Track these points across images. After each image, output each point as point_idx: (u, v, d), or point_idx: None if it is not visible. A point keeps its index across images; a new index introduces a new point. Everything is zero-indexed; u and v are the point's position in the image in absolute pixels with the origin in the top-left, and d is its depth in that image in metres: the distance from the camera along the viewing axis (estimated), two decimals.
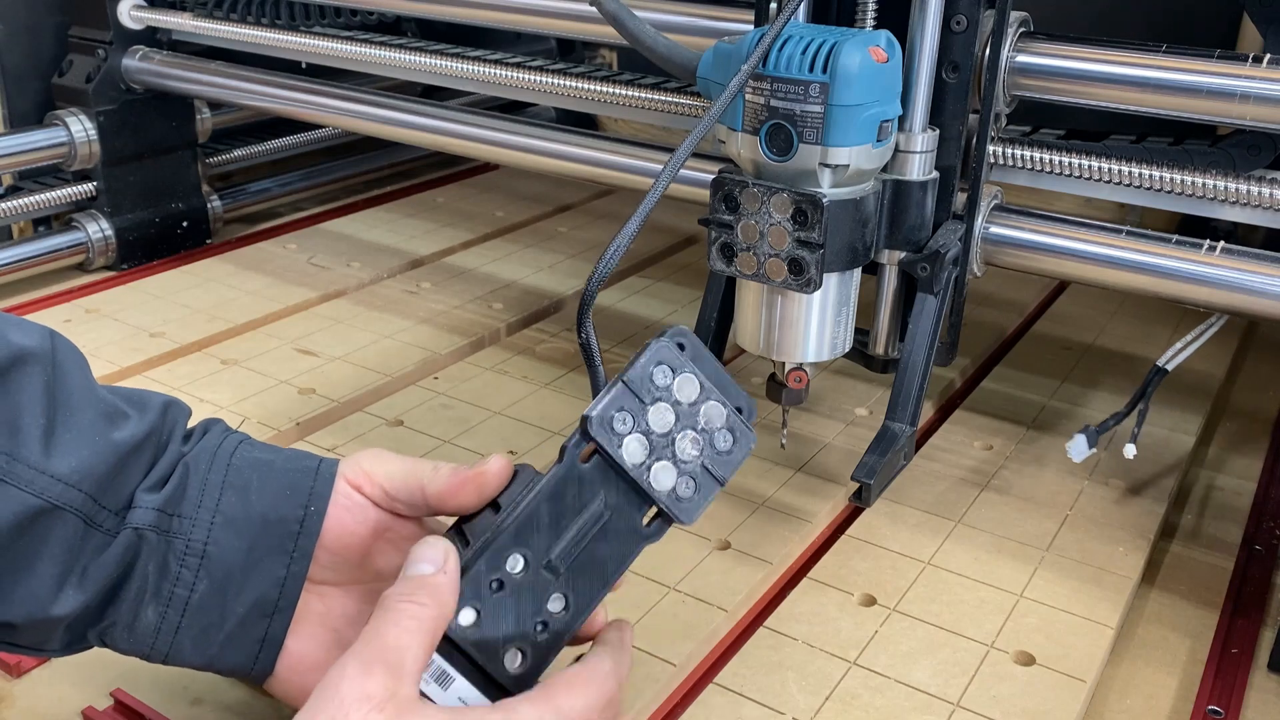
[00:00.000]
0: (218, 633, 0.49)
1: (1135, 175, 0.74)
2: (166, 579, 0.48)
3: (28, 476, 0.44)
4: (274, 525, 0.49)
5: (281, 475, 0.50)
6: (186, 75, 1.21)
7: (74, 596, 0.46)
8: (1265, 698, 0.63)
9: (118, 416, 0.48)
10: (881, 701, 0.59)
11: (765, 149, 0.67)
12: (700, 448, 0.48)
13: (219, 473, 0.49)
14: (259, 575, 0.49)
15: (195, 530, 0.48)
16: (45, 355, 0.46)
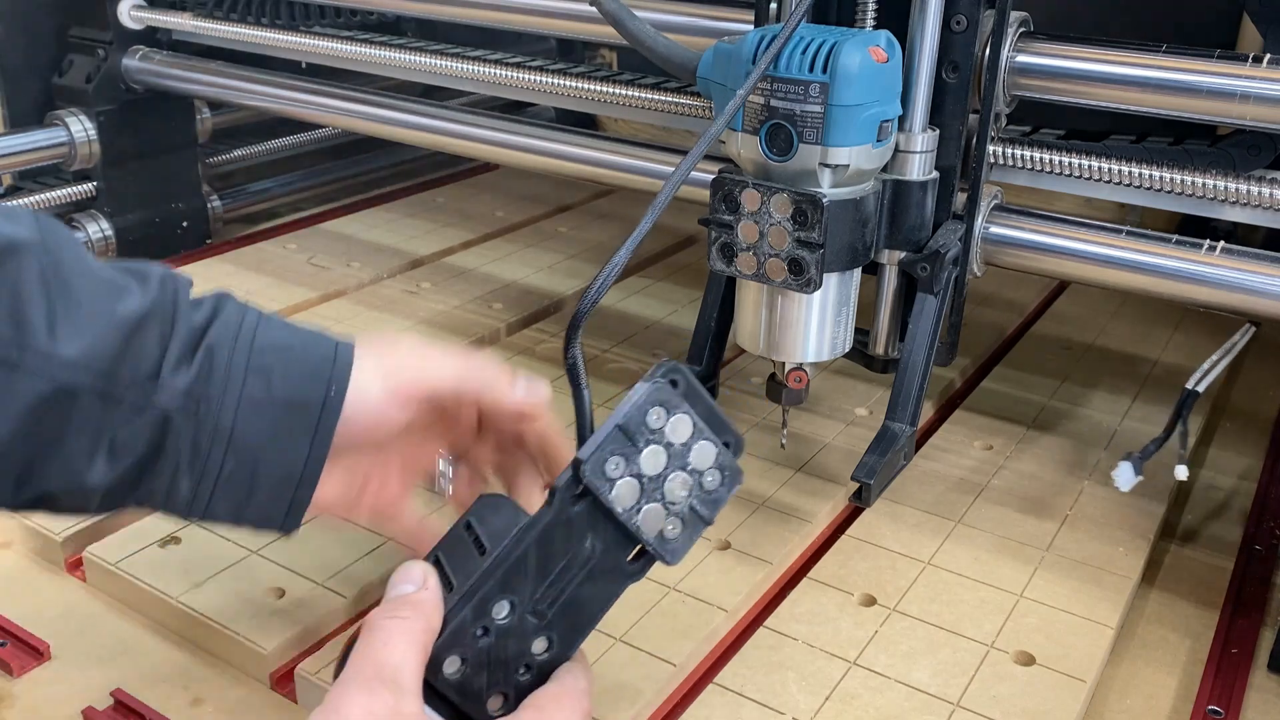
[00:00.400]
0: (247, 500, 0.52)
1: (1135, 175, 0.75)
2: (198, 457, 0.50)
3: (37, 364, 0.45)
4: (297, 409, 0.51)
5: (301, 361, 0.52)
6: (186, 75, 1.21)
7: (105, 469, 0.48)
8: (1265, 698, 0.63)
9: (118, 290, 0.49)
10: (881, 701, 0.59)
11: (765, 149, 0.67)
12: (689, 489, 0.48)
13: (242, 356, 0.50)
14: (283, 454, 0.51)
15: (222, 414, 0.50)
16: (36, 241, 0.47)
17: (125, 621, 0.66)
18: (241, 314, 0.52)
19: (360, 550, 0.69)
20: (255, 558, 0.69)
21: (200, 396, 0.49)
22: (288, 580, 0.67)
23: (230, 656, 0.63)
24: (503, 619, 0.46)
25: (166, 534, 0.71)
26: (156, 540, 0.70)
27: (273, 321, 0.53)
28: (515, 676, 0.47)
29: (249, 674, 0.62)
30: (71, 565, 0.71)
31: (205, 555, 0.69)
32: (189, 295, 0.51)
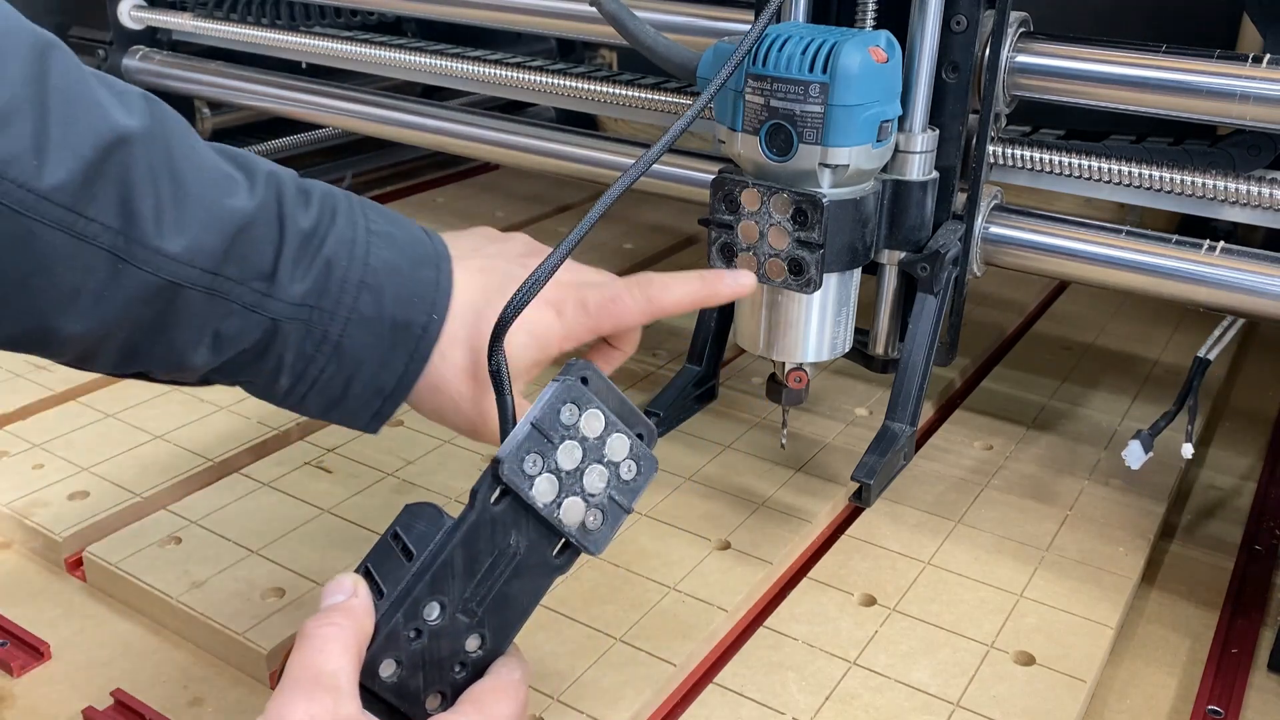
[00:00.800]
0: (338, 402, 0.54)
1: (1135, 175, 0.75)
2: (301, 358, 0.52)
3: (144, 256, 0.46)
4: (400, 329, 0.53)
5: (410, 282, 0.53)
6: (186, 75, 1.21)
7: (207, 356, 0.50)
8: (1265, 698, 0.63)
9: (227, 184, 0.49)
10: (881, 701, 0.59)
11: (765, 149, 0.67)
12: (607, 480, 0.50)
13: (357, 272, 0.52)
14: (381, 367, 0.53)
15: (333, 324, 0.51)
16: (148, 130, 0.47)
17: (125, 621, 0.66)
18: (354, 226, 0.53)
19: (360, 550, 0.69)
20: (255, 558, 0.69)
21: (314, 306, 0.51)
22: (288, 580, 0.67)
23: (230, 656, 0.63)
24: (434, 620, 0.47)
25: (167, 534, 0.71)
26: (156, 540, 0.70)
27: (380, 233, 0.54)
28: (451, 675, 0.48)
29: (249, 674, 0.62)
30: (71, 565, 0.71)
31: (205, 555, 0.69)
32: (294, 191, 0.52)
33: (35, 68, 0.43)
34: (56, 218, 0.43)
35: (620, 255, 1.24)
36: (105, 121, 0.45)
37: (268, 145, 1.39)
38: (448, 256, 0.55)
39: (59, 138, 0.43)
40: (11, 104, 0.42)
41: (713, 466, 0.81)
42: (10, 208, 0.42)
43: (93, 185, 0.44)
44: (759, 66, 0.65)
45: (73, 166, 0.43)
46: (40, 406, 0.87)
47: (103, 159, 0.44)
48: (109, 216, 0.45)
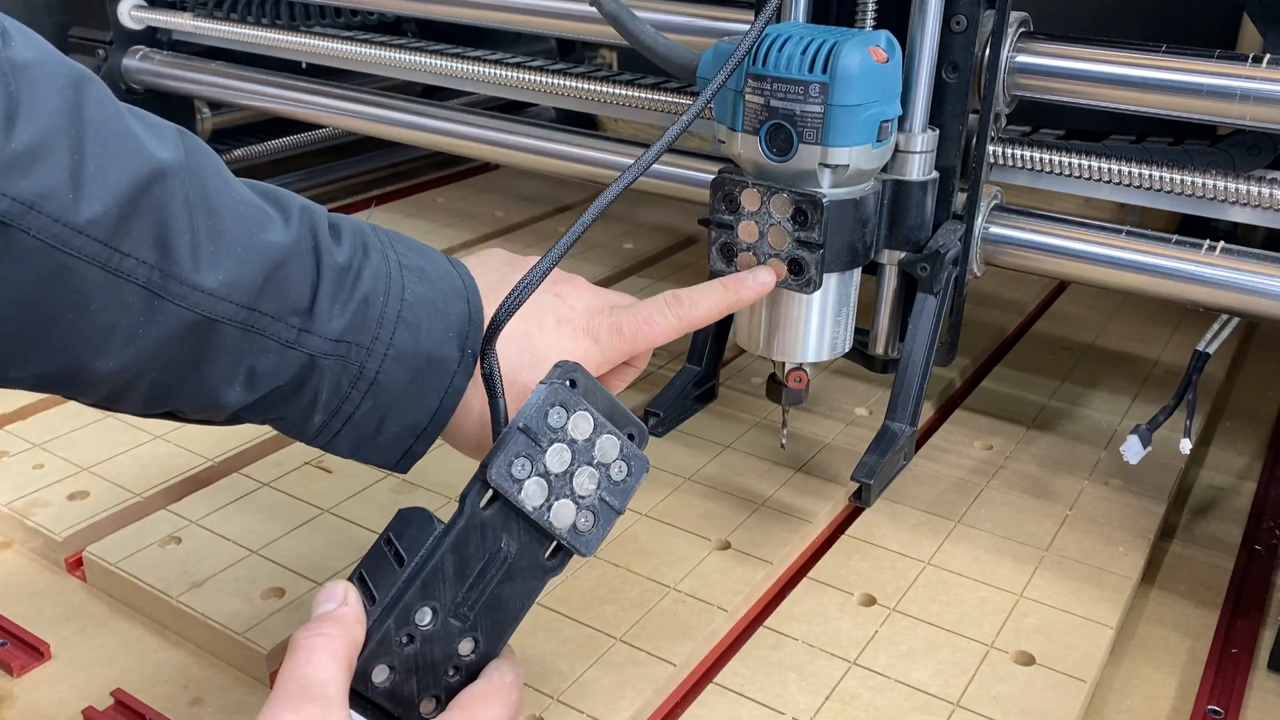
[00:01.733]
0: (370, 442, 0.54)
1: (1135, 175, 0.75)
2: (336, 396, 0.52)
3: (180, 292, 0.46)
4: (436, 363, 0.53)
5: (443, 317, 0.53)
6: (187, 75, 1.21)
7: (241, 394, 0.50)
8: (1265, 698, 0.63)
9: (262, 219, 0.49)
10: (881, 701, 0.59)
11: (765, 149, 0.67)
12: (597, 481, 0.50)
13: (394, 307, 0.52)
14: (415, 404, 0.53)
15: (370, 361, 0.51)
16: (183, 164, 0.47)
17: (125, 621, 0.66)
18: (386, 260, 0.53)
19: (360, 550, 0.69)
20: (255, 557, 0.69)
21: (353, 342, 0.51)
22: (288, 580, 0.67)
23: (230, 656, 0.63)
24: (426, 625, 0.47)
25: (167, 534, 0.71)
26: (156, 540, 0.70)
27: (412, 268, 0.54)
28: (445, 679, 0.48)
29: (249, 674, 0.62)
30: (71, 565, 0.71)
31: (205, 555, 0.69)
32: (327, 227, 0.52)
33: (71, 100, 0.43)
34: (92, 253, 0.42)
35: (620, 255, 1.24)
36: (141, 155, 0.44)
37: (268, 145, 1.39)
38: (476, 289, 0.55)
39: (95, 171, 0.42)
40: (47, 137, 0.41)
41: (713, 466, 0.81)
42: (45, 243, 0.41)
43: (129, 220, 0.43)
44: (759, 66, 0.65)
45: (109, 201, 0.43)
46: (40, 406, 0.87)
47: (139, 193, 0.44)
48: (145, 252, 0.44)
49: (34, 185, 0.41)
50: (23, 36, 0.43)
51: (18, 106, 0.41)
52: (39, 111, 0.41)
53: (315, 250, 0.50)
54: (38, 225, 0.41)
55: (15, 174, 0.40)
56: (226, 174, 0.49)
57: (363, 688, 0.46)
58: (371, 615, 0.46)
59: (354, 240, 0.53)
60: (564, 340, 0.55)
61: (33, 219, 0.41)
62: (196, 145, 0.49)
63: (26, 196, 0.40)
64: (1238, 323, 0.76)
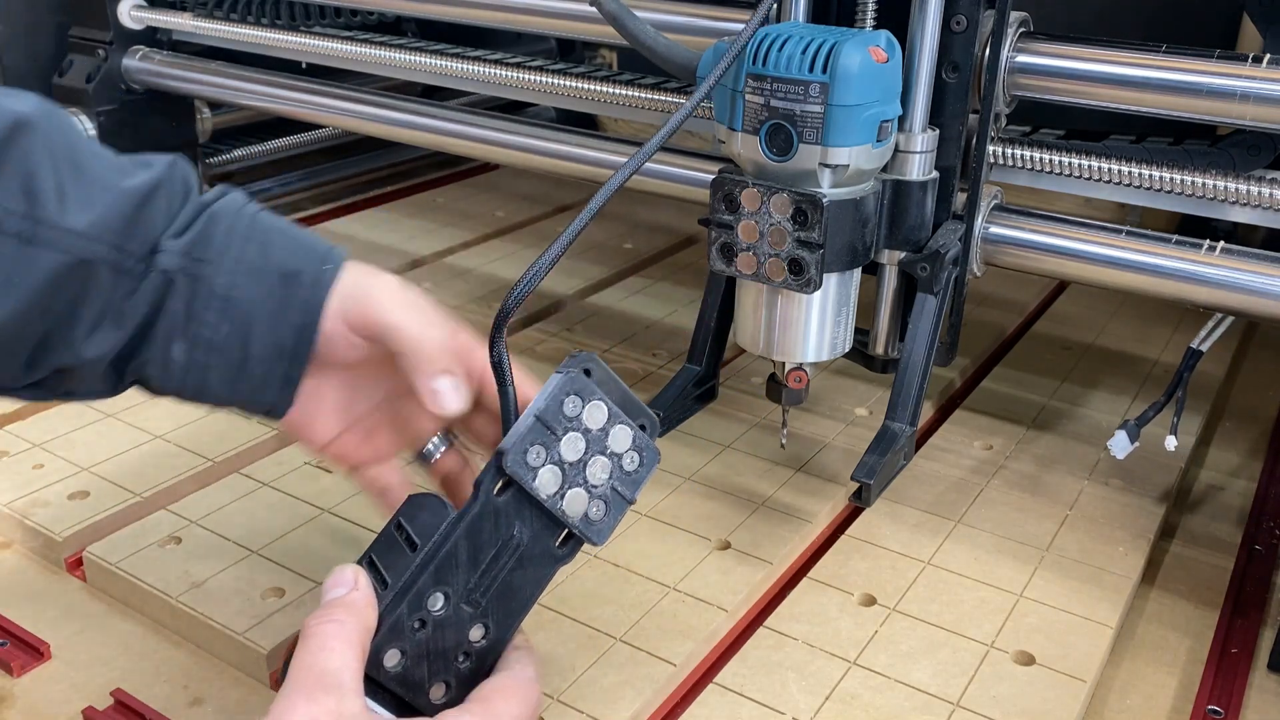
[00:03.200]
0: (240, 371, 0.52)
1: (1135, 175, 0.75)
2: (193, 320, 0.51)
3: (51, 236, 0.46)
4: (291, 278, 0.52)
5: (299, 238, 0.54)
6: (186, 75, 1.21)
7: (111, 336, 0.50)
8: (1265, 698, 0.63)
9: (125, 169, 0.50)
10: (881, 701, 0.59)
11: (765, 149, 0.67)
12: (609, 471, 0.50)
13: (242, 225, 0.52)
14: (276, 322, 0.52)
15: (219, 276, 0.51)
16: (43, 116, 0.48)
17: (125, 621, 0.66)
18: (247, 199, 0.54)
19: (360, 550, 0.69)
20: (255, 557, 0.69)
21: (199, 258, 0.51)
22: (288, 580, 0.67)
23: (230, 656, 0.63)
24: (438, 610, 0.47)
25: (167, 534, 0.71)
26: (156, 540, 0.70)
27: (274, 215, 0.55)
28: (455, 665, 0.48)
29: (249, 674, 0.62)
30: (71, 565, 0.71)
31: (205, 555, 0.69)
32: (197, 179, 0.53)
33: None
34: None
35: (620, 255, 1.24)
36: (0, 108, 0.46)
37: (268, 145, 1.39)
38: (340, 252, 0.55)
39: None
40: None
41: (713, 466, 0.81)
42: None
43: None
44: (759, 66, 0.65)
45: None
46: (40, 406, 0.87)
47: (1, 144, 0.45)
48: (12, 200, 0.45)
49: None
50: None
51: None
52: None
53: (184, 190, 0.52)
54: None
55: None
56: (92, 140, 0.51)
57: (374, 672, 0.46)
58: (384, 599, 0.46)
59: (222, 189, 0.54)
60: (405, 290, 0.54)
61: None
62: (56, 108, 0.50)
63: None
64: (1233, 321, 0.76)
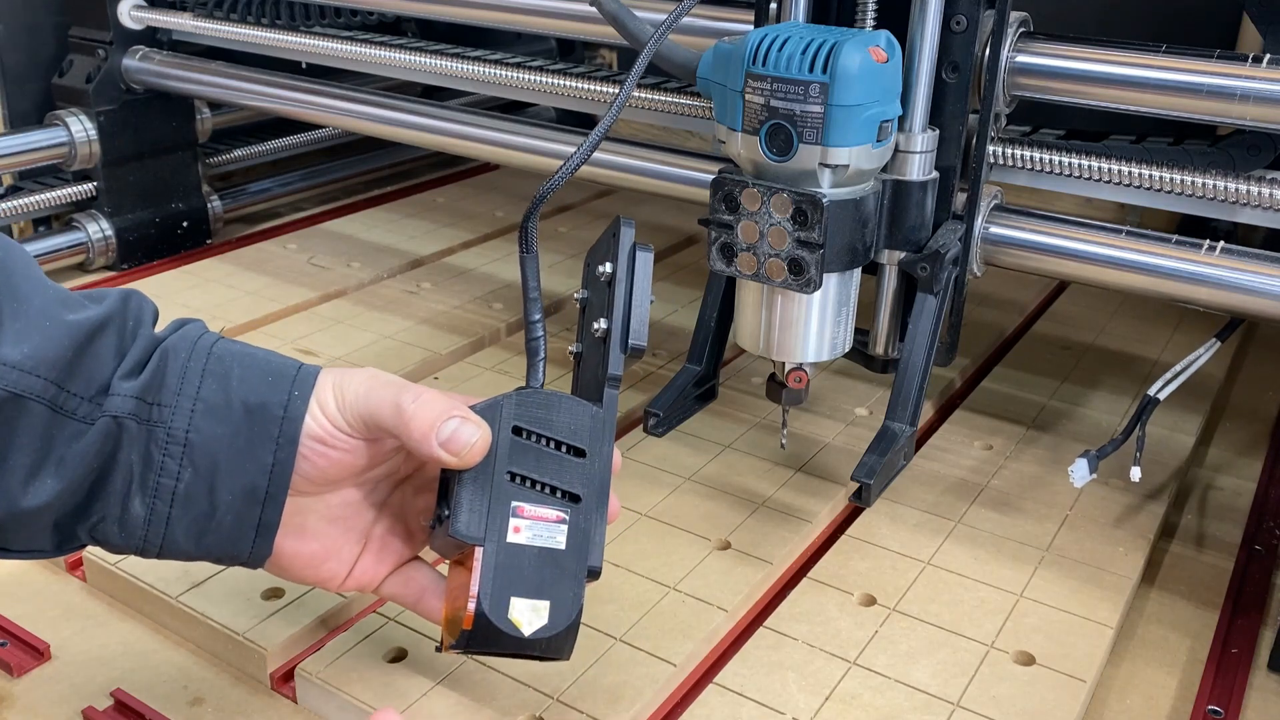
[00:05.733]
0: (209, 522, 0.48)
1: (1135, 175, 0.74)
2: (151, 469, 0.47)
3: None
4: (257, 412, 0.48)
5: (264, 365, 0.49)
6: (186, 75, 1.21)
7: (52, 485, 0.45)
8: (1265, 698, 0.63)
9: (72, 303, 0.47)
10: (881, 701, 0.59)
11: (765, 149, 0.67)
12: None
13: (199, 360, 0.48)
14: (245, 463, 0.48)
15: (176, 418, 0.47)
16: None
17: (125, 621, 0.66)
18: (202, 330, 0.50)
19: None
20: None
21: (153, 402, 0.46)
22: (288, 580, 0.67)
23: (230, 656, 0.63)
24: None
25: None
26: None
27: (235, 341, 0.51)
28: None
29: (249, 674, 0.62)
30: (71, 565, 0.71)
31: None
32: (151, 315, 0.50)
33: None
34: None
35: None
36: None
37: (268, 145, 1.39)
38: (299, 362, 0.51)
39: None
40: None
41: (713, 466, 0.81)
42: None
43: None
44: (759, 66, 0.65)
45: None
46: None
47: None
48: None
49: None
50: None
51: None
52: None
53: (134, 327, 0.48)
54: None
55: None
56: (36, 268, 0.47)
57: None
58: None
59: (177, 323, 0.50)
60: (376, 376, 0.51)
61: None
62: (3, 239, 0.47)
63: None
64: (1193, 371, 0.78)
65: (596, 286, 0.54)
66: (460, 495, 0.49)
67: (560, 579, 0.49)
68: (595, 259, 0.55)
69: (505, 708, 0.57)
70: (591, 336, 0.54)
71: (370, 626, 0.63)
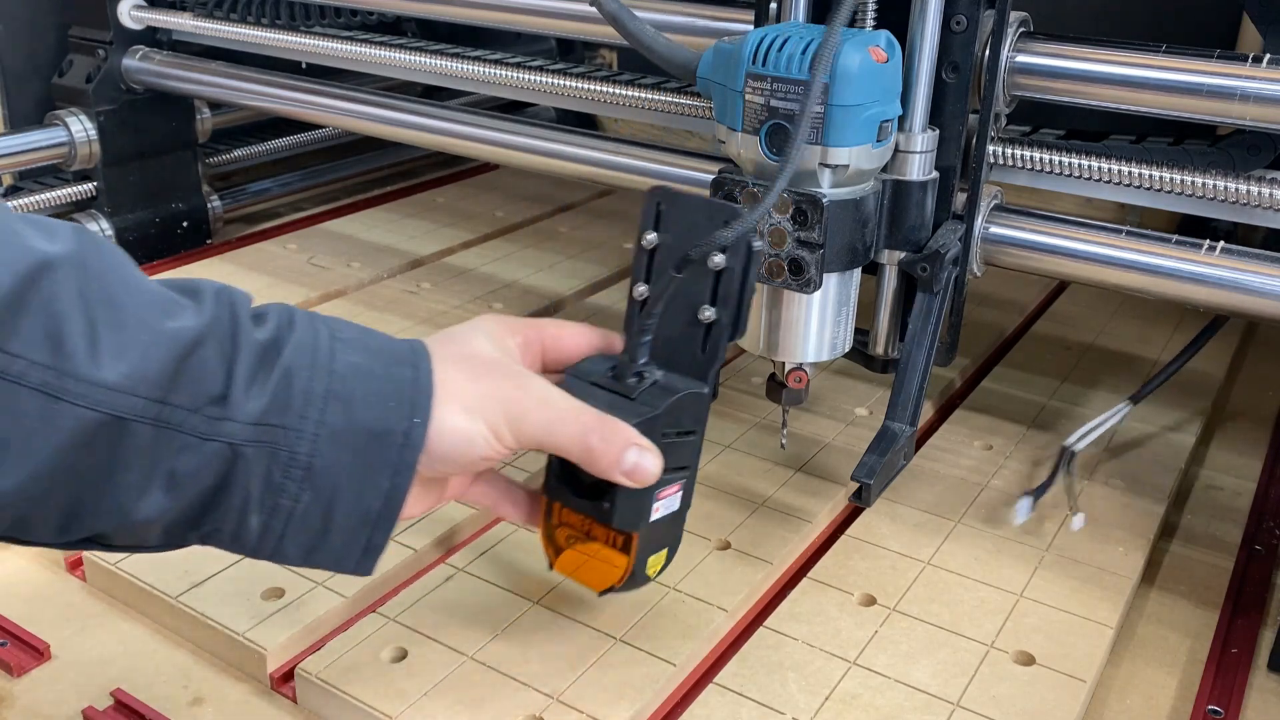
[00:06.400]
0: (321, 540, 0.49)
1: (1135, 175, 0.74)
2: (270, 489, 0.47)
3: (79, 390, 0.41)
4: (378, 438, 0.48)
5: (383, 382, 0.48)
6: (186, 75, 1.21)
7: (162, 501, 0.45)
8: (1265, 698, 0.63)
9: (169, 305, 0.45)
10: (881, 701, 0.59)
11: (765, 149, 0.67)
12: None
13: (321, 381, 0.47)
14: (363, 489, 0.48)
15: (299, 443, 0.46)
16: (74, 256, 0.43)
17: (125, 621, 0.66)
18: (314, 332, 0.49)
19: None
20: None
21: (276, 424, 0.46)
22: (288, 580, 0.67)
23: (230, 656, 0.63)
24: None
25: None
26: None
27: (348, 339, 0.50)
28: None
29: (249, 674, 0.62)
30: (71, 565, 0.71)
31: (205, 555, 0.69)
32: (249, 309, 0.48)
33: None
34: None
35: (621, 255, 1.24)
36: (22, 249, 0.41)
37: (268, 145, 1.39)
38: (426, 353, 0.51)
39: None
40: None
41: (713, 466, 0.81)
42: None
43: (15, 318, 0.40)
44: (759, 66, 0.65)
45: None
46: None
47: (24, 288, 0.40)
48: (36, 351, 0.40)
49: None
50: None
51: None
52: None
53: (233, 330, 0.46)
54: None
55: None
56: (132, 268, 0.46)
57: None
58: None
59: (279, 319, 0.48)
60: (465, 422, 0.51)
61: None
62: (95, 239, 0.45)
63: None
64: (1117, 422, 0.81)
65: (698, 270, 0.55)
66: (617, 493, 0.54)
67: (674, 528, 0.59)
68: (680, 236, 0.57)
69: (505, 708, 0.58)
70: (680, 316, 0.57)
71: (370, 627, 0.63)
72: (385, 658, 0.61)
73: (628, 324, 0.59)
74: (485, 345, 0.54)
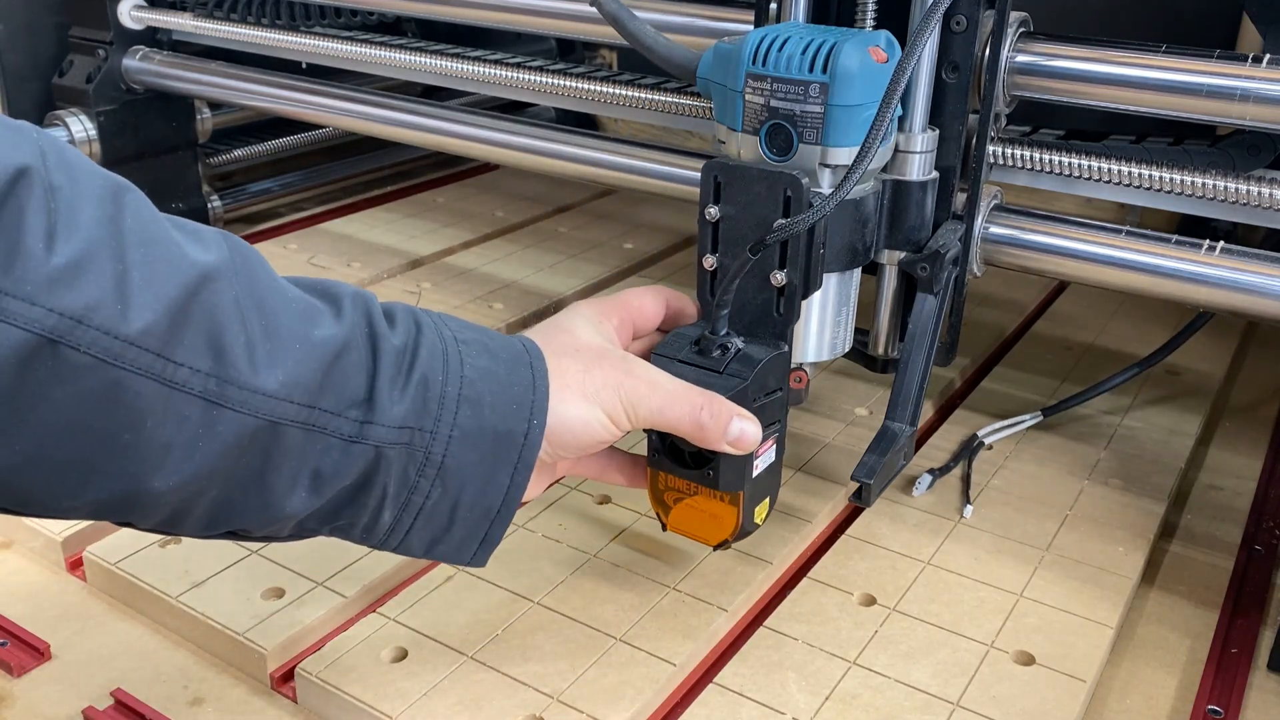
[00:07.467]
0: (444, 533, 0.52)
1: (1135, 175, 0.74)
2: (405, 487, 0.50)
3: (240, 398, 0.44)
4: (503, 438, 0.51)
5: (507, 388, 0.52)
6: (187, 75, 1.21)
7: (306, 498, 0.48)
8: (1265, 698, 0.63)
9: (313, 314, 0.47)
10: (881, 701, 0.59)
11: (765, 149, 0.67)
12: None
13: (454, 385, 0.50)
14: (487, 486, 0.52)
15: (435, 444, 0.49)
16: (229, 265, 0.44)
17: (125, 621, 0.66)
18: (440, 336, 0.51)
19: (360, 549, 0.69)
20: (255, 557, 0.69)
21: (416, 427, 0.49)
22: (288, 580, 0.67)
23: (230, 656, 0.63)
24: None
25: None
26: (156, 540, 0.70)
27: (468, 341, 0.52)
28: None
29: (249, 674, 0.62)
30: (71, 565, 0.71)
31: (205, 555, 0.69)
32: (380, 311, 0.50)
33: (109, 211, 0.41)
34: (145, 365, 0.41)
35: (620, 255, 1.24)
36: (185, 260, 0.43)
37: (268, 145, 1.39)
38: (540, 353, 0.54)
39: (140, 280, 0.41)
40: (88, 248, 0.40)
41: None
42: (97, 358, 0.39)
43: (180, 328, 0.42)
44: (759, 66, 0.65)
45: (158, 309, 0.41)
46: None
47: (188, 299, 0.42)
48: (199, 359, 0.42)
49: (80, 298, 0.39)
50: (58, 154, 0.41)
51: (56, 222, 0.39)
52: (77, 224, 0.40)
53: (371, 337, 0.49)
54: (88, 340, 0.39)
55: (60, 288, 0.39)
56: (273, 272, 0.48)
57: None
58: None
59: (407, 322, 0.51)
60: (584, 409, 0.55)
61: (82, 333, 0.39)
62: (240, 245, 0.47)
63: (74, 310, 0.39)
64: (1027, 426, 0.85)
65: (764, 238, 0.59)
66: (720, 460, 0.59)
67: (773, 478, 0.63)
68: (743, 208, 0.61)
69: (505, 708, 0.58)
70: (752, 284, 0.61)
71: (370, 626, 0.63)
72: (385, 658, 0.61)
73: (700, 291, 0.64)
74: (590, 333, 0.58)
